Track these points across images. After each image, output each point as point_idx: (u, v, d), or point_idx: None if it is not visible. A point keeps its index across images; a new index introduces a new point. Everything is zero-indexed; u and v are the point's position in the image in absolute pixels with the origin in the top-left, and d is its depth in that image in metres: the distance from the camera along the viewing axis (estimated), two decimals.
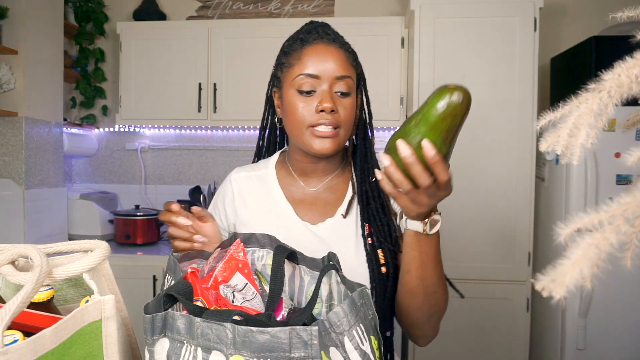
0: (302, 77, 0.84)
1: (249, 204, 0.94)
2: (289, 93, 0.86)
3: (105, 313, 0.49)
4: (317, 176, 0.94)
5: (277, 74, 0.91)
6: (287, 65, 0.87)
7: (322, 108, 0.82)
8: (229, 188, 0.97)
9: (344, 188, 0.93)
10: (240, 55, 2.42)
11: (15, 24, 2.11)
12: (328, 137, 0.84)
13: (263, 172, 0.97)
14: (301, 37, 0.87)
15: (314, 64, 0.84)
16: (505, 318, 2.05)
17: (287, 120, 0.88)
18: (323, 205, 0.92)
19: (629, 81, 0.31)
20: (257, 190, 0.95)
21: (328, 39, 0.86)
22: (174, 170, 2.81)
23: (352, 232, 0.88)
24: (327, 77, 0.83)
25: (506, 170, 2.05)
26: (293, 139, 0.90)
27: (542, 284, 0.27)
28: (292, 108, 0.85)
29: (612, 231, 0.26)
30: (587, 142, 0.32)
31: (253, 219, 0.92)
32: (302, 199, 0.93)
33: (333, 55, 0.84)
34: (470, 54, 2.06)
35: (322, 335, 0.48)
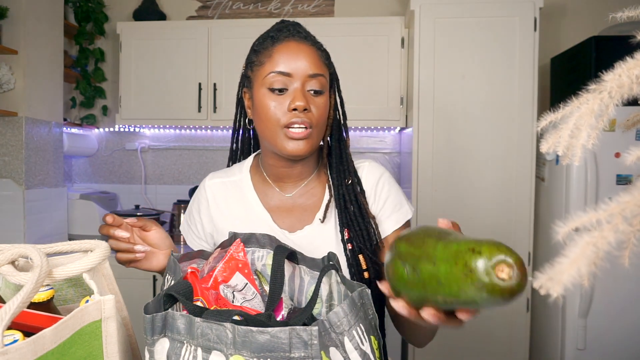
0: (273, 75, 0.80)
1: (224, 211, 0.91)
2: (260, 92, 0.82)
3: (105, 313, 0.49)
4: (292, 181, 0.90)
5: (247, 73, 0.87)
6: (258, 64, 0.84)
7: (295, 106, 0.79)
8: (203, 195, 0.94)
9: (321, 192, 0.90)
10: (240, 55, 2.41)
11: (15, 24, 2.11)
12: (302, 139, 0.80)
13: (237, 178, 0.93)
14: (272, 35, 0.84)
15: (285, 61, 0.80)
16: (505, 318, 2.05)
17: (258, 121, 0.84)
18: (300, 212, 0.88)
19: (629, 81, 0.31)
20: (232, 197, 0.91)
21: (300, 36, 0.84)
22: (174, 170, 2.81)
23: (331, 238, 0.85)
24: (300, 74, 0.80)
25: (506, 170, 2.05)
26: (265, 141, 0.85)
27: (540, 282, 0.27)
28: (263, 107, 0.82)
29: (610, 230, 0.26)
30: (588, 143, 0.32)
31: (229, 227, 0.88)
32: (279, 205, 0.89)
33: (305, 53, 0.82)
34: (470, 53, 2.06)
35: (322, 335, 0.48)
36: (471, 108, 2.07)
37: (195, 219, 0.95)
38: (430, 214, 2.06)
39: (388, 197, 0.88)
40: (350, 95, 2.27)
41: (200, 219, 0.94)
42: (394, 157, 2.67)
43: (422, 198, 2.08)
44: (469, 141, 2.06)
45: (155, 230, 0.85)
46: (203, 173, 2.78)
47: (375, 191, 0.89)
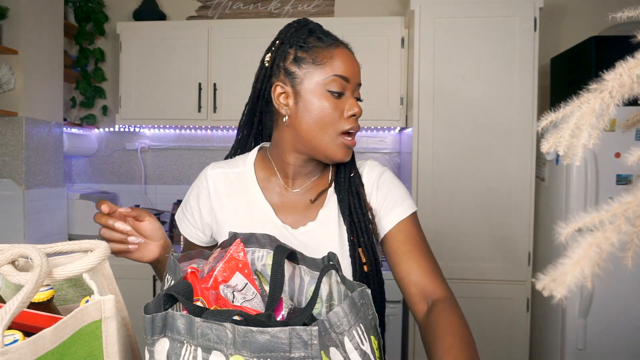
0: (334, 78, 0.80)
1: (225, 202, 0.89)
2: (314, 91, 0.81)
3: (105, 313, 0.49)
4: (302, 178, 0.90)
5: (289, 68, 0.83)
6: (311, 62, 0.81)
7: (354, 113, 0.81)
8: (204, 185, 0.92)
9: (324, 186, 0.91)
10: (240, 55, 2.42)
11: (15, 24, 2.11)
12: (352, 147, 0.84)
13: (241, 170, 0.91)
14: (319, 36, 0.83)
15: (345, 66, 0.81)
16: (505, 318, 2.05)
17: (306, 120, 0.82)
18: (304, 208, 0.88)
19: (630, 81, 0.31)
20: (235, 189, 0.90)
21: (346, 44, 0.86)
22: (174, 170, 2.81)
23: (334, 235, 0.85)
24: (354, 82, 0.83)
25: (506, 170, 2.05)
26: (305, 140, 0.83)
27: (543, 283, 0.26)
28: (318, 109, 0.80)
29: (613, 230, 0.26)
30: (589, 143, 0.32)
31: (230, 219, 0.88)
32: (283, 200, 0.89)
33: (356, 62, 0.84)
34: (470, 54, 2.06)
35: (322, 335, 0.48)
36: (471, 108, 2.06)
37: (192, 208, 0.93)
38: (430, 214, 2.06)
39: (389, 192, 0.88)
40: None
41: (199, 208, 0.92)
42: (394, 157, 2.67)
43: (422, 198, 2.08)
44: (469, 141, 2.06)
45: (149, 220, 0.85)
46: None
47: (376, 186, 0.89)
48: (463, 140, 2.06)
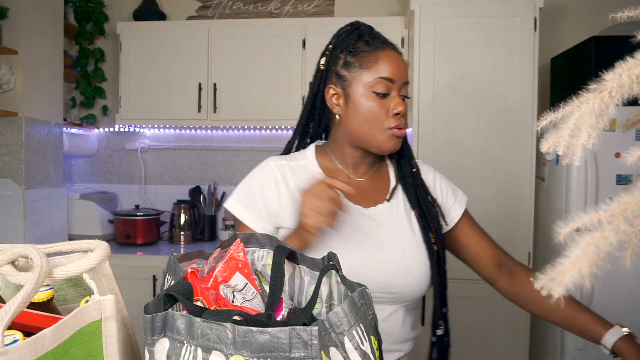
0: (380, 80, 0.88)
1: (293, 191, 0.93)
2: (362, 93, 0.89)
3: (105, 313, 0.49)
4: (363, 168, 0.98)
5: (340, 71, 0.92)
6: (359, 66, 0.89)
7: (399, 111, 0.88)
8: (269, 175, 0.94)
9: (385, 178, 1.00)
10: (240, 55, 2.42)
11: (15, 24, 2.11)
12: (401, 137, 0.91)
13: (304, 162, 0.97)
14: (366, 40, 0.90)
15: (390, 68, 0.88)
16: (505, 318, 2.05)
17: (356, 119, 0.91)
18: (372, 193, 0.96)
19: (630, 81, 0.31)
20: (302, 178, 0.94)
21: (392, 45, 0.92)
22: (174, 170, 2.81)
23: (403, 216, 0.94)
24: (399, 81, 0.89)
25: (506, 170, 2.05)
26: (357, 136, 0.92)
27: (541, 282, 0.27)
28: (366, 108, 0.89)
29: (611, 230, 0.26)
30: (588, 143, 0.32)
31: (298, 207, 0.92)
32: (352, 184, 0.94)
33: (402, 62, 0.91)
34: (470, 54, 2.06)
35: (322, 335, 0.48)
36: (471, 108, 2.07)
37: (256, 199, 0.93)
38: None
39: (447, 186, 1.03)
40: None
41: (264, 198, 0.93)
42: None
43: None
44: (469, 141, 2.06)
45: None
46: (203, 173, 2.78)
47: (436, 182, 1.02)
48: (463, 140, 2.06)
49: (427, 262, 0.92)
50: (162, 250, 2.40)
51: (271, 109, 2.41)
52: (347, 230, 0.89)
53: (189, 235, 2.57)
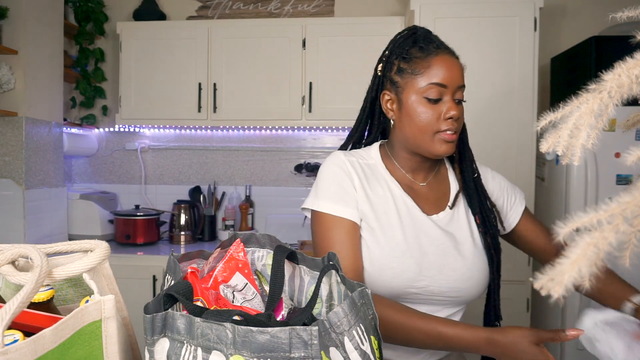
0: (431, 86, 0.88)
1: (366, 187, 0.94)
2: (414, 99, 0.90)
3: (105, 313, 0.49)
4: (424, 172, 0.99)
5: (394, 78, 0.94)
6: (411, 72, 0.91)
7: (451, 116, 0.88)
8: (344, 169, 0.93)
9: (446, 183, 1.01)
10: (240, 55, 2.42)
11: (15, 24, 2.11)
12: (452, 142, 0.91)
13: (372, 162, 0.98)
14: (421, 46, 0.91)
15: (442, 73, 0.89)
16: (505, 318, 2.04)
17: (409, 123, 0.92)
18: (435, 199, 0.98)
19: (629, 81, 0.31)
20: (370, 178, 0.95)
21: (447, 49, 0.92)
22: (174, 170, 2.81)
23: (464, 222, 0.96)
24: (453, 86, 0.89)
25: (506, 170, 2.05)
26: (410, 141, 0.93)
27: (540, 282, 0.27)
28: (417, 114, 0.90)
29: (611, 230, 0.26)
30: (587, 143, 0.32)
31: (377, 206, 0.92)
32: (415, 190, 0.97)
33: (456, 66, 0.90)
34: (470, 54, 2.06)
35: (322, 335, 0.48)
36: (471, 108, 2.06)
37: (345, 188, 0.92)
38: None
39: (507, 188, 1.05)
40: (350, 94, 2.28)
41: (353, 186, 0.92)
42: None
43: None
44: (469, 141, 2.06)
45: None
46: (203, 173, 2.78)
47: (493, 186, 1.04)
48: None
49: (487, 267, 0.96)
50: (162, 250, 2.40)
51: (271, 109, 2.41)
52: (413, 236, 0.90)
53: (189, 235, 2.57)
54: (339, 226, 0.89)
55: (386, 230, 0.90)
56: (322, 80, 2.34)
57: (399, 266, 0.87)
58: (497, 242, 0.98)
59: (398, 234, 0.90)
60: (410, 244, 0.89)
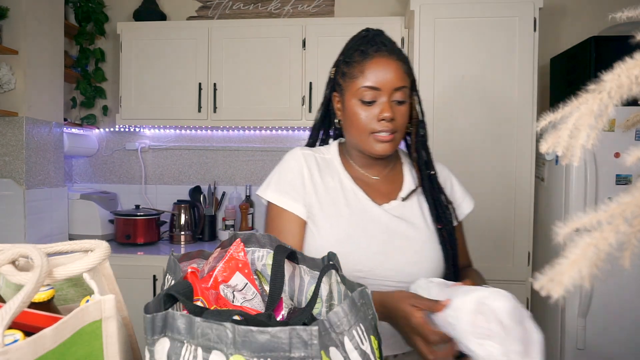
0: (364, 89, 0.92)
1: (318, 180, 0.98)
2: (352, 102, 0.95)
3: (105, 313, 0.49)
4: (377, 168, 1.03)
5: (339, 80, 0.98)
6: (349, 76, 0.95)
7: (383, 117, 0.91)
8: (300, 162, 0.99)
9: (400, 177, 1.05)
10: (240, 55, 2.42)
11: (15, 24, 2.11)
12: (387, 142, 0.93)
13: (328, 157, 1.03)
14: (362, 49, 0.94)
15: (375, 76, 0.92)
16: None
17: (349, 125, 0.97)
18: (386, 191, 1.01)
19: (629, 82, 0.31)
20: (324, 170, 1.00)
21: (387, 50, 0.93)
22: (174, 170, 2.81)
23: (418, 213, 0.99)
24: (387, 88, 0.92)
25: (506, 170, 2.05)
26: (353, 141, 0.99)
27: (540, 283, 0.27)
28: (354, 116, 0.94)
29: (610, 231, 0.26)
30: (587, 143, 0.32)
31: (324, 197, 0.97)
32: (367, 182, 1.01)
33: (392, 68, 0.92)
34: (470, 54, 2.06)
35: (322, 335, 0.48)
36: (471, 108, 2.07)
37: (293, 183, 0.97)
38: None
39: (457, 189, 1.09)
40: None
41: (304, 185, 0.97)
42: None
43: None
44: (469, 141, 2.06)
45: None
46: (203, 173, 2.78)
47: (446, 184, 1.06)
48: (463, 140, 2.06)
49: (439, 257, 0.96)
50: (162, 250, 2.40)
51: (271, 109, 2.41)
52: (360, 223, 0.94)
53: (189, 235, 2.57)
54: (283, 217, 0.96)
55: (331, 218, 0.94)
56: (322, 80, 2.33)
57: (343, 250, 0.87)
58: (453, 237, 1.00)
59: (344, 221, 0.94)
60: (357, 229, 0.93)
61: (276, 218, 0.97)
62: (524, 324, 0.69)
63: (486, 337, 0.65)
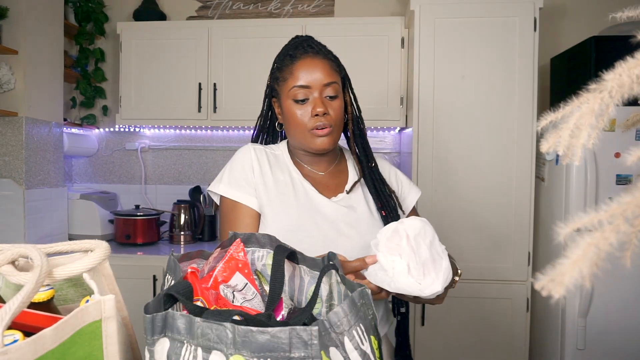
0: (295, 89, 0.98)
1: (268, 173, 1.03)
2: (287, 103, 1.00)
3: (105, 313, 0.49)
4: (323, 165, 1.08)
5: (274, 86, 1.04)
6: (282, 79, 1.01)
7: (316, 112, 0.97)
8: (251, 156, 1.03)
9: (345, 172, 1.10)
10: (240, 55, 2.42)
11: (15, 24, 2.11)
12: (325, 136, 0.99)
13: (278, 152, 1.08)
14: (290, 53, 1.00)
15: (304, 76, 0.98)
16: (505, 318, 2.05)
17: (288, 126, 1.03)
18: (333, 186, 1.06)
19: (630, 81, 0.31)
20: (275, 165, 1.05)
21: (313, 51, 1.00)
22: (174, 170, 2.81)
23: (363, 205, 1.04)
24: (317, 85, 0.98)
25: (506, 170, 2.05)
26: (295, 140, 1.04)
27: (541, 283, 0.27)
28: (291, 115, 1.00)
29: (611, 231, 0.26)
30: (588, 143, 0.32)
31: (272, 188, 1.01)
32: (315, 178, 1.06)
33: (319, 66, 0.99)
34: (470, 54, 2.06)
35: (322, 335, 0.48)
36: (471, 108, 2.07)
37: (245, 176, 1.01)
38: (430, 213, 2.06)
39: (403, 179, 1.15)
40: None
41: (253, 174, 1.02)
42: (394, 157, 2.67)
43: (422, 198, 2.07)
44: (469, 141, 2.06)
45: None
46: (203, 173, 2.78)
47: (390, 176, 1.12)
48: (463, 140, 2.06)
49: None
50: (162, 250, 2.40)
51: None
52: (308, 214, 0.99)
53: (189, 235, 2.57)
54: (237, 209, 1.00)
55: (280, 209, 0.98)
56: None
57: (292, 238, 0.89)
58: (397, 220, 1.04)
59: (293, 212, 0.98)
60: (305, 219, 0.98)
61: (230, 212, 1.01)
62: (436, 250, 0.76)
63: (397, 254, 0.73)
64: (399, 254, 0.74)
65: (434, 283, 0.73)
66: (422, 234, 0.76)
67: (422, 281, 0.73)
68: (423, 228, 0.76)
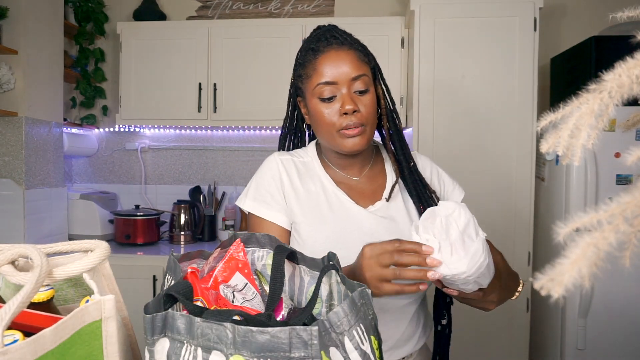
0: (321, 86, 0.89)
1: (298, 185, 0.95)
2: (312, 102, 0.91)
3: (105, 313, 0.49)
4: (356, 168, 0.99)
5: (298, 84, 0.96)
6: (306, 77, 0.92)
7: (345, 110, 0.87)
8: (278, 168, 0.96)
9: (382, 175, 1.00)
10: (240, 55, 2.42)
11: (15, 24, 2.11)
12: (357, 136, 0.89)
13: (307, 160, 0.99)
14: (312, 47, 0.91)
15: (329, 71, 0.88)
16: (505, 318, 2.05)
17: (316, 126, 0.94)
18: (370, 192, 0.97)
19: (629, 81, 0.31)
20: (304, 175, 0.97)
21: (337, 43, 0.90)
22: (174, 170, 2.81)
23: (403, 212, 0.95)
24: (344, 80, 0.88)
25: (506, 170, 2.05)
26: (323, 141, 0.95)
27: (540, 283, 0.27)
28: (318, 115, 0.91)
29: (611, 230, 0.26)
30: (588, 143, 0.32)
31: (307, 203, 0.94)
32: (349, 184, 0.97)
33: (345, 59, 0.88)
34: (470, 54, 2.06)
35: (322, 335, 0.48)
36: (471, 108, 2.07)
37: (272, 194, 0.94)
38: None
39: (446, 179, 1.06)
40: None
41: (277, 191, 0.95)
42: None
43: None
44: (469, 141, 2.06)
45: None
46: (203, 173, 2.78)
47: (432, 175, 1.04)
48: (463, 140, 2.06)
49: None
50: (162, 250, 2.40)
51: (271, 109, 2.41)
52: (345, 228, 0.91)
53: (189, 235, 2.57)
54: (263, 226, 0.93)
55: (315, 225, 0.91)
56: None
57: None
58: None
59: (328, 228, 0.91)
60: (342, 234, 0.90)
61: (257, 228, 0.94)
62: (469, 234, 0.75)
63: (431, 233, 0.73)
64: (433, 233, 0.73)
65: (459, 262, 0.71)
66: (456, 216, 0.75)
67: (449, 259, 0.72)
68: (457, 210, 0.75)
